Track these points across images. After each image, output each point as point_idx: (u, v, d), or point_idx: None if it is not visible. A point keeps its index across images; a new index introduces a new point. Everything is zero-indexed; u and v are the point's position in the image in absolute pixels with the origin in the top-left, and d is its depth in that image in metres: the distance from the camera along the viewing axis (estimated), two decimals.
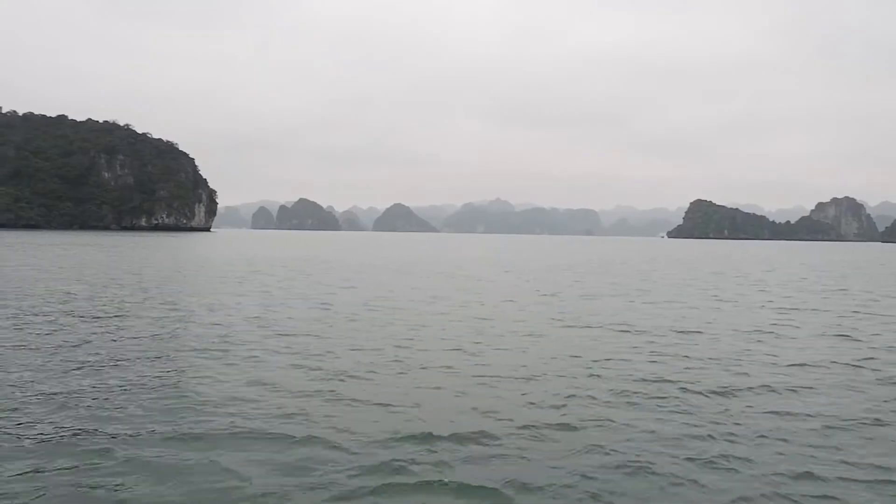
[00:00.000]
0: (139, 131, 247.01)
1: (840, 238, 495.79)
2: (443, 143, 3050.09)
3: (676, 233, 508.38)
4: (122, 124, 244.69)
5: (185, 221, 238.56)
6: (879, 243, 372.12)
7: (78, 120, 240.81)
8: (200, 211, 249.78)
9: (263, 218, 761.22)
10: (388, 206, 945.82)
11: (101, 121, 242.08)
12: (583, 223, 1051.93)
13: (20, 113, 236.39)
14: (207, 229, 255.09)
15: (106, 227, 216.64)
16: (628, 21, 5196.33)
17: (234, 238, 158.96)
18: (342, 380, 11.68)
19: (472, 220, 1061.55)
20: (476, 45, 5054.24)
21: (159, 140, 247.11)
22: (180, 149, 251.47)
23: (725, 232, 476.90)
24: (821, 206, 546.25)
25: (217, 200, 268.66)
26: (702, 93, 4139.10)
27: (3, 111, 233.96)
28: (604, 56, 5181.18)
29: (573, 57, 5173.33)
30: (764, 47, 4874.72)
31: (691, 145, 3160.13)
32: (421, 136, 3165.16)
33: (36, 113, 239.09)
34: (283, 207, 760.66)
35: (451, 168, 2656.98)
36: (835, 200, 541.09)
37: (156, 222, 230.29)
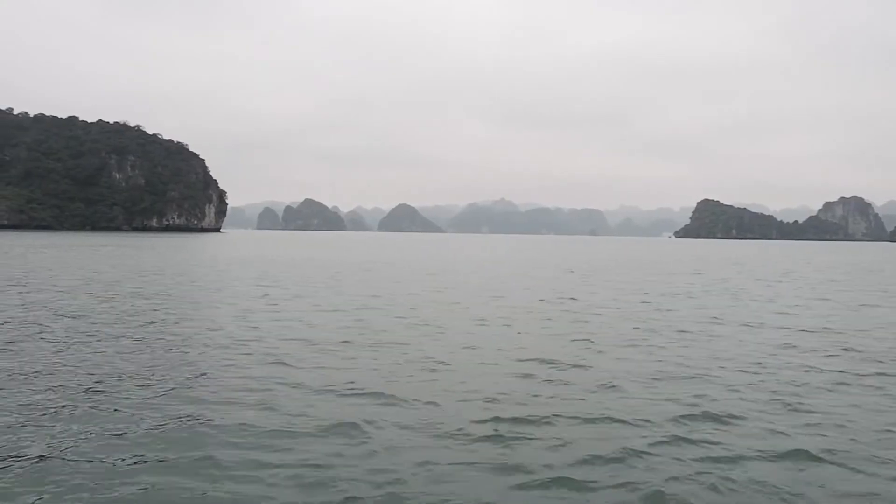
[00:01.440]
0: (149, 132, 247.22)
1: (848, 238, 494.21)
2: (447, 144, 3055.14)
3: (684, 233, 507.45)
4: (132, 125, 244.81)
5: (195, 222, 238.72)
6: (888, 243, 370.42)
7: (89, 121, 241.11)
8: (211, 211, 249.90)
9: (269, 218, 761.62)
10: (392, 206, 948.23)
11: (111, 122, 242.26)
12: (588, 223, 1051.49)
13: (31, 114, 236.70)
14: (217, 230, 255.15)
15: (117, 228, 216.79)
16: (630, 21, 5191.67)
17: (254, 239, 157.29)
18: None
19: (477, 220, 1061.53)
20: (479, 46, 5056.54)
21: (169, 141, 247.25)
22: (190, 150, 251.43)
23: (733, 232, 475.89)
24: (828, 206, 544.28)
25: (227, 201, 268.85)
26: (705, 93, 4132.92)
27: (15, 112, 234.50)
28: (606, 56, 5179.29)
29: (576, 57, 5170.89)
30: (767, 47, 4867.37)
31: (695, 145, 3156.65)
32: (424, 137, 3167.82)
33: (44, 114, 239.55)
34: (288, 208, 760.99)
35: (454, 168, 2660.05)
36: (842, 200, 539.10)
37: (167, 223, 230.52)
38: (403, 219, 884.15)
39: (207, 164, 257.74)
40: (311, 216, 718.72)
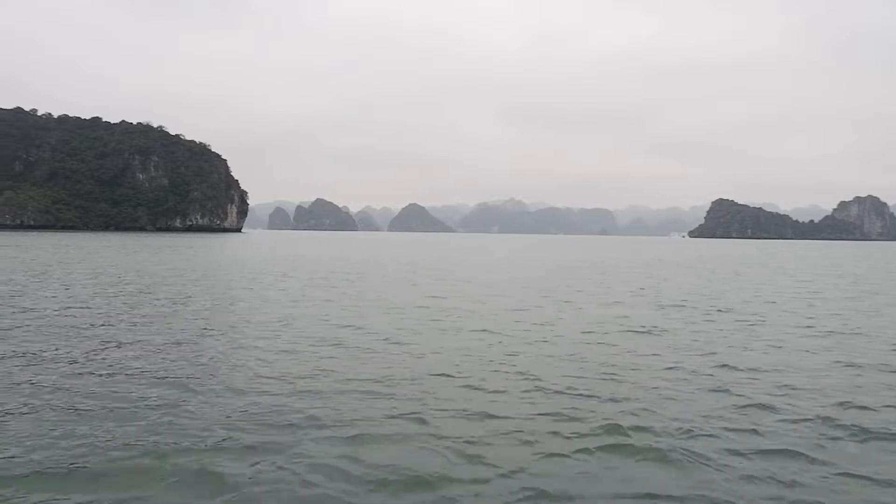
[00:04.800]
0: (171, 133, 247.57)
1: (864, 237, 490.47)
2: (456, 144, 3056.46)
3: (698, 232, 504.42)
4: (155, 125, 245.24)
5: (218, 222, 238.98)
6: None
7: (112, 122, 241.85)
8: (233, 212, 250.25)
9: (280, 218, 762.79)
10: (401, 206, 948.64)
11: (134, 122, 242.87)
12: (598, 223, 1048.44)
13: (55, 115, 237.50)
14: (239, 230, 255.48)
15: (141, 229, 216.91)
16: (641, 23, 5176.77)
17: (291, 240, 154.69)
18: None
19: (487, 219, 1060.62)
20: (491, 47, 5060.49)
21: (192, 142, 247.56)
22: (213, 150, 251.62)
23: (749, 231, 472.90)
24: (843, 205, 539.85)
25: (248, 202, 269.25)
26: (714, 93, 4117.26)
27: (38, 113, 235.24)
28: (617, 58, 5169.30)
29: (588, 58, 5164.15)
30: (775, 48, 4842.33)
31: (704, 145, 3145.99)
32: (435, 137, 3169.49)
33: (68, 115, 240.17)
34: (300, 208, 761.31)
35: (464, 168, 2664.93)
36: (858, 199, 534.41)
37: (190, 223, 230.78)
38: (413, 218, 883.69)
39: None
40: (322, 216, 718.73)
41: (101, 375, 11.25)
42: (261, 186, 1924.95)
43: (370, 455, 7.67)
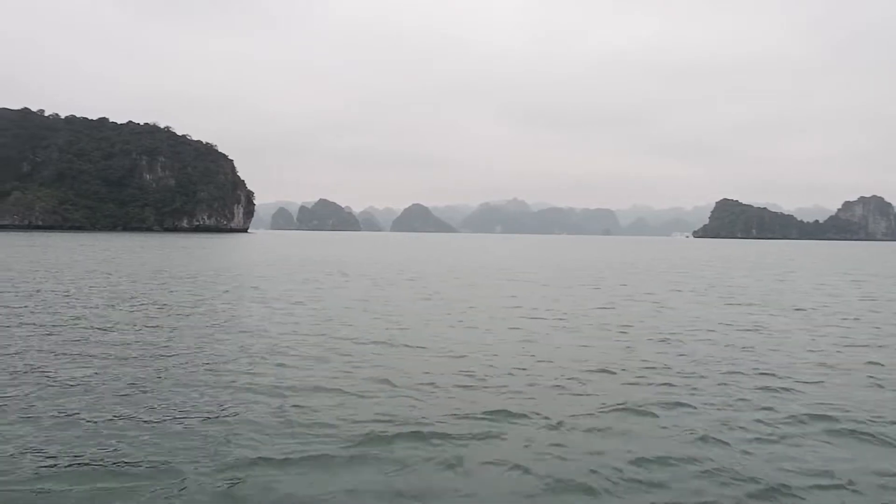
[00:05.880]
0: (178, 133, 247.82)
1: (869, 237, 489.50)
2: (458, 144, 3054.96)
3: (703, 232, 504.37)
4: (161, 126, 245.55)
5: (224, 223, 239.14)
6: None
7: (119, 122, 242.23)
8: (239, 212, 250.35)
9: (283, 218, 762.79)
10: (404, 206, 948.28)
11: (141, 123, 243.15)
12: (601, 223, 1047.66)
13: (62, 116, 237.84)
14: (245, 230, 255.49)
15: (148, 229, 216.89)
16: (641, 23, 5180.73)
17: (298, 240, 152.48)
18: None
19: (490, 220, 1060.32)
20: (493, 47, 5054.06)
21: (199, 142, 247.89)
22: (219, 150, 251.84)
23: (753, 231, 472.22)
24: (847, 205, 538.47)
25: (254, 202, 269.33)
26: (717, 93, 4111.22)
27: (46, 114, 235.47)
28: (617, 58, 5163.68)
29: (590, 59, 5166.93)
30: (777, 48, 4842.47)
31: (704, 145, 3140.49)
32: (435, 137, 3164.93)
33: (75, 115, 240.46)
34: (303, 208, 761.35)
35: (467, 168, 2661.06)
36: (862, 199, 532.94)
37: (197, 224, 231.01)
38: (416, 218, 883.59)
39: None
40: (326, 216, 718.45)
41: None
42: (262, 186, 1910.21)
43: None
